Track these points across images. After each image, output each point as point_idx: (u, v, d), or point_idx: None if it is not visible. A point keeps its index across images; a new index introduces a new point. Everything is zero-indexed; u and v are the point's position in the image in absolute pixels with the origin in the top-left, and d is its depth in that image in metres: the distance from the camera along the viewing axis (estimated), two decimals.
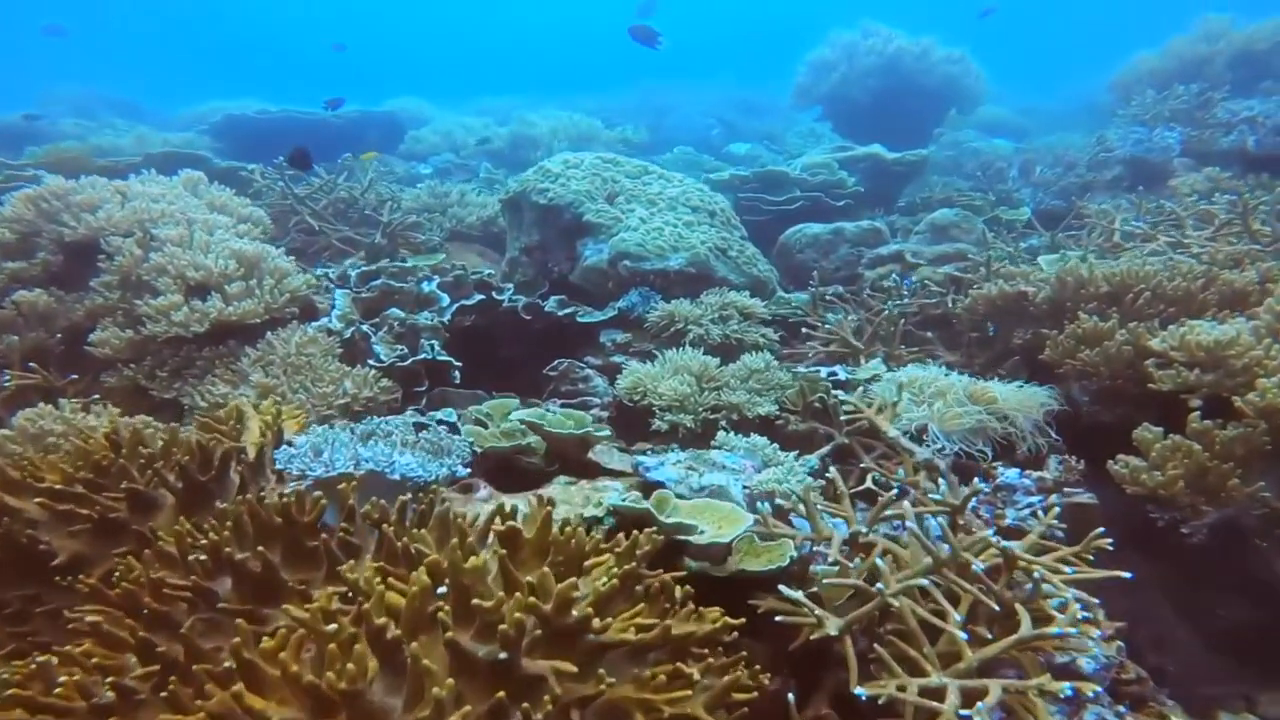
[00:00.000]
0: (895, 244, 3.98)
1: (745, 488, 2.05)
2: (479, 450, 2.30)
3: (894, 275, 3.40)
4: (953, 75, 6.94)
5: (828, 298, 3.93)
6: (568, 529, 1.14)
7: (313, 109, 9.62)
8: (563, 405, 2.87)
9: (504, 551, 1.05)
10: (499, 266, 4.09)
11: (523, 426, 2.20)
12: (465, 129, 7.77)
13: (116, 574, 1.23)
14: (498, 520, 1.16)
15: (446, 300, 2.90)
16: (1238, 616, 2.08)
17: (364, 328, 2.70)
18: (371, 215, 4.30)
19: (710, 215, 3.33)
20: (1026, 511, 2.04)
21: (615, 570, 1.09)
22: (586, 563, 1.12)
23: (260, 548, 1.15)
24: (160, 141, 7.15)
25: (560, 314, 3.09)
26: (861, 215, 4.88)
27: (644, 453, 2.63)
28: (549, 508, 1.15)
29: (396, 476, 1.39)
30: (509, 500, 1.79)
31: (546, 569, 1.03)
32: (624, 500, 1.52)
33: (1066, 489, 2.09)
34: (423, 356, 2.49)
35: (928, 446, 2.28)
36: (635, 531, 1.20)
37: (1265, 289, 2.50)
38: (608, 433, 2.27)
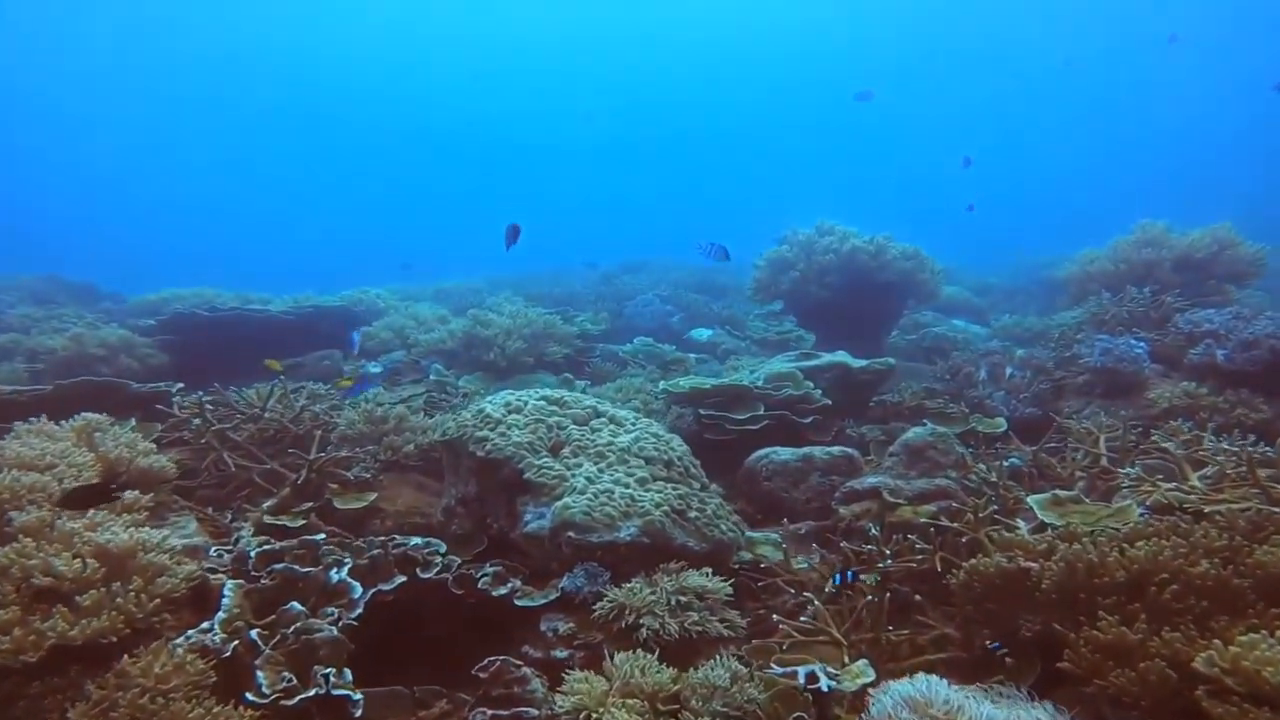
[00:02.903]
0: (871, 477, 3.67)
1: None
2: None
3: (873, 528, 3.04)
4: (908, 270, 7.03)
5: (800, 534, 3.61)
6: None
7: (265, 295, 9.55)
8: (493, 716, 2.37)
9: None
10: (438, 504, 3.69)
11: None
12: (418, 323, 7.61)
13: None
14: None
15: (359, 591, 2.45)
16: None
17: (252, 636, 2.23)
18: (294, 453, 3.93)
19: (666, 466, 3.00)
20: None
21: None
22: None
23: None
24: (95, 343, 6.84)
25: (494, 593, 2.66)
26: (831, 428, 4.65)
27: None
28: None
29: None
30: None
31: None
32: None
33: None
34: (313, 694, 2.01)
35: None
36: None
37: None
38: None
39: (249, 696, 2.04)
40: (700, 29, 37.02)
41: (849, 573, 2.67)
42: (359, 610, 2.43)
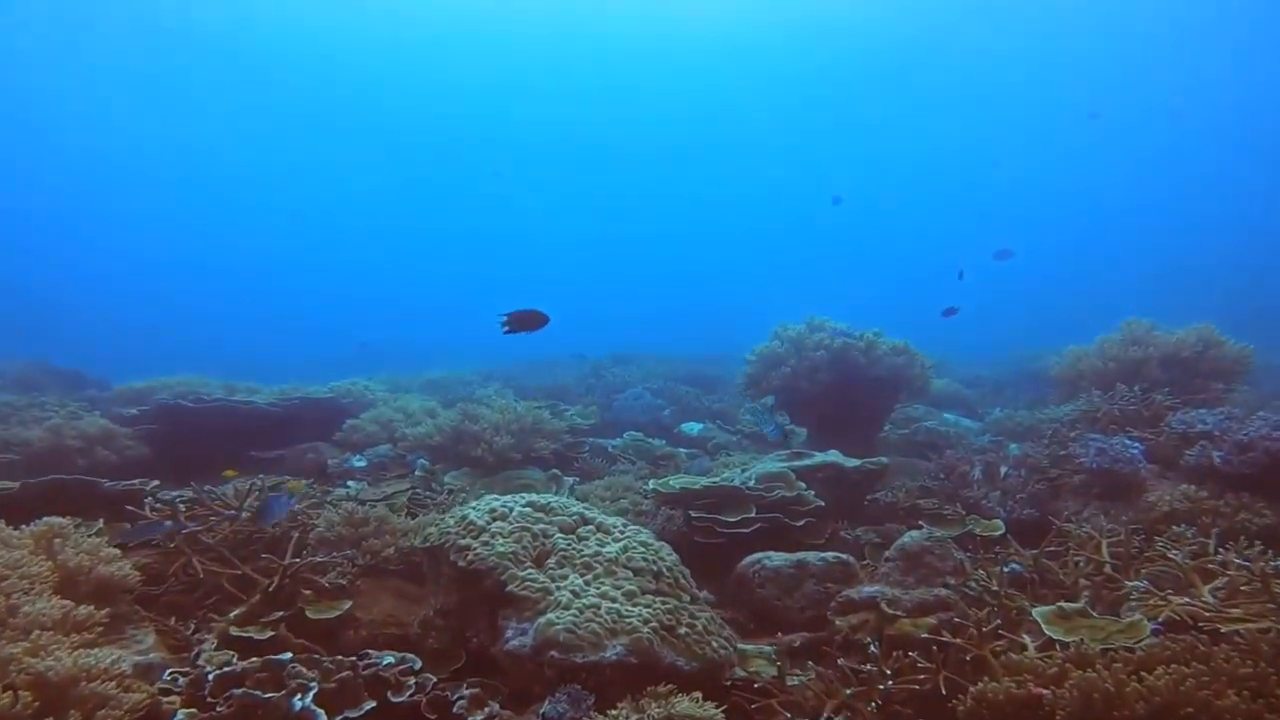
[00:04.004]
0: (868, 586, 3.53)
1: None
2: None
3: (871, 645, 2.89)
4: (899, 366, 7.04)
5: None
6: None
7: (252, 384, 9.43)
8: None
9: None
10: (416, 613, 3.51)
11: None
12: (406, 416, 7.50)
13: None
14: None
15: None
16: None
17: None
18: (268, 557, 3.76)
19: (655, 578, 2.86)
20: None
21: None
22: None
23: None
24: (73, 434, 6.67)
25: None
26: (825, 531, 4.51)
27: None
28: None
29: None
30: None
31: None
32: None
33: None
34: None
35: None
36: None
37: None
38: None
39: None
40: (684, 128, 38.49)
41: None
42: None
